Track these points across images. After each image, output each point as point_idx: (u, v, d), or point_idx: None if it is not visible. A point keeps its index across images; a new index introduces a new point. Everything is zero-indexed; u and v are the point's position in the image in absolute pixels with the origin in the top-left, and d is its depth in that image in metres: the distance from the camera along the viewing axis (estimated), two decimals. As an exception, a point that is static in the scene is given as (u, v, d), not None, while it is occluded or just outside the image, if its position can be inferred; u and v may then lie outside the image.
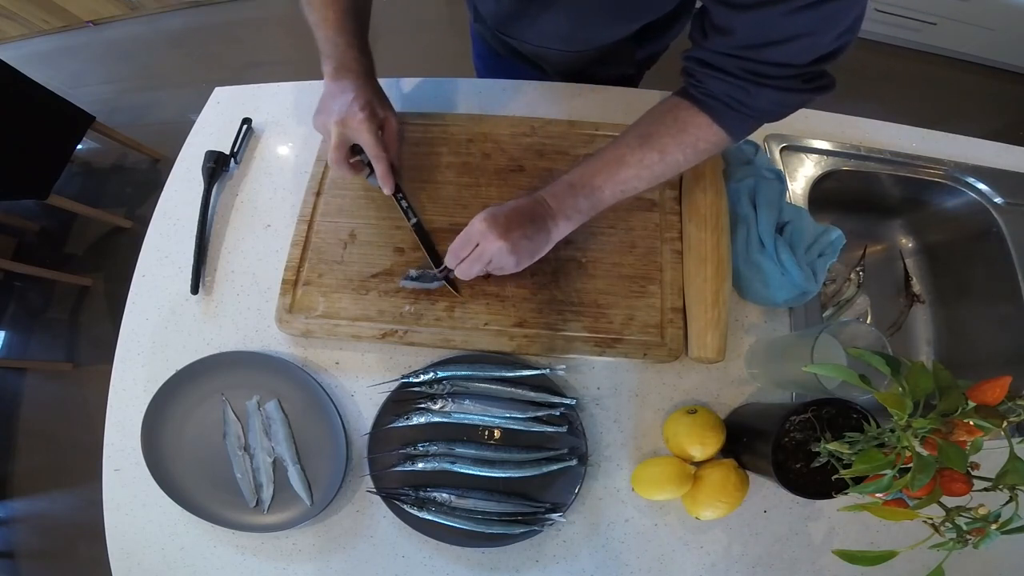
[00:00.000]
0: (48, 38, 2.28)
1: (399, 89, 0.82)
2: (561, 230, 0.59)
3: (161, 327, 0.70)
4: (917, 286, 0.88)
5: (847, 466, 0.44)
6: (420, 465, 0.60)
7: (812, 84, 0.49)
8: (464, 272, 0.59)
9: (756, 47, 0.46)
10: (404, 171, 0.72)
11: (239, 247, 0.73)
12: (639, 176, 0.56)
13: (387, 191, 0.66)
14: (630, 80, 0.90)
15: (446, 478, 0.61)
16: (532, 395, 0.62)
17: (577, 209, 0.58)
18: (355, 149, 0.65)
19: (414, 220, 0.68)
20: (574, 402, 0.62)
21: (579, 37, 0.71)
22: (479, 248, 0.57)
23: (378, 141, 0.62)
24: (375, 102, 0.62)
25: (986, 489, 0.39)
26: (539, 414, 0.62)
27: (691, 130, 0.54)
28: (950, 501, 0.39)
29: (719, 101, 0.51)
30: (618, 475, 0.63)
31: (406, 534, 0.61)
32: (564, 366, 0.64)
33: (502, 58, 0.88)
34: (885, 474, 0.41)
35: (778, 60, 0.46)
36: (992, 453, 0.40)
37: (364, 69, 0.63)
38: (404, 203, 0.68)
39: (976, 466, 0.39)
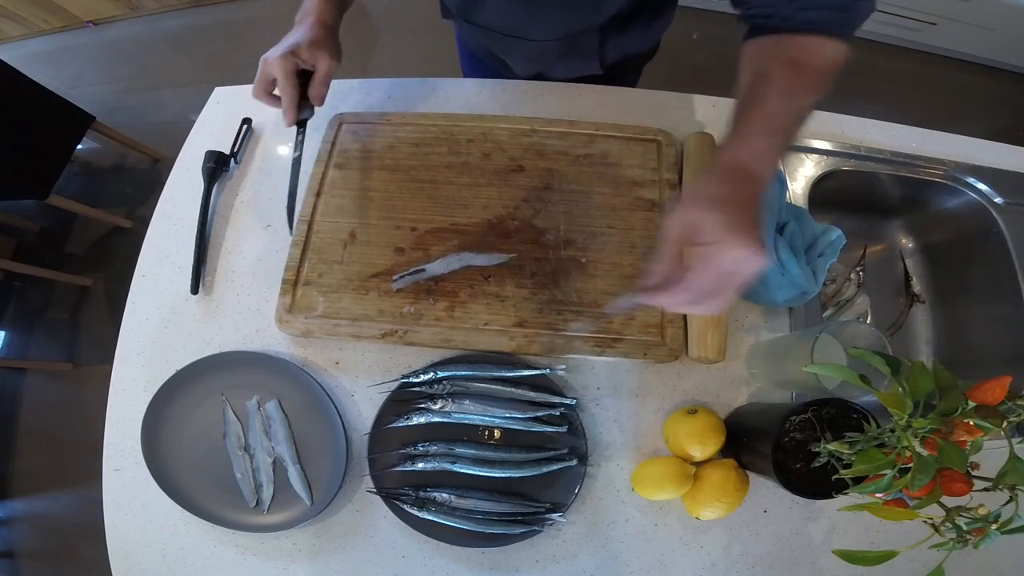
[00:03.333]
0: (48, 38, 2.28)
1: (399, 89, 0.82)
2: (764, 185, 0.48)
3: (161, 327, 0.70)
4: (917, 286, 0.88)
5: (847, 466, 0.44)
6: (420, 465, 0.60)
7: None
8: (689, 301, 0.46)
9: None
10: (404, 171, 0.72)
11: (239, 247, 0.73)
12: (790, 104, 0.48)
13: (284, 123, 0.65)
14: (598, 82, 0.89)
15: (446, 478, 0.61)
16: (532, 395, 0.62)
17: (773, 160, 0.49)
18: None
19: (296, 154, 0.67)
20: (574, 402, 0.63)
21: (537, 20, 0.71)
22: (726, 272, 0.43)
23: (288, 77, 0.62)
24: (308, 44, 0.62)
25: (986, 489, 0.39)
26: (539, 414, 0.62)
27: (798, 48, 0.48)
28: (950, 501, 0.39)
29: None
30: (618, 475, 0.63)
31: (406, 534, 0.61)
32: (564, 366, 0.64)
33: (477, 60, 0.88)
34: (885, 474, 0.41)
35: None
36: (992, 453, 0.40)
37: (323, 18, 0.64)
38: (300, 137, 0.67)
39: (976, 466, 0.39)
